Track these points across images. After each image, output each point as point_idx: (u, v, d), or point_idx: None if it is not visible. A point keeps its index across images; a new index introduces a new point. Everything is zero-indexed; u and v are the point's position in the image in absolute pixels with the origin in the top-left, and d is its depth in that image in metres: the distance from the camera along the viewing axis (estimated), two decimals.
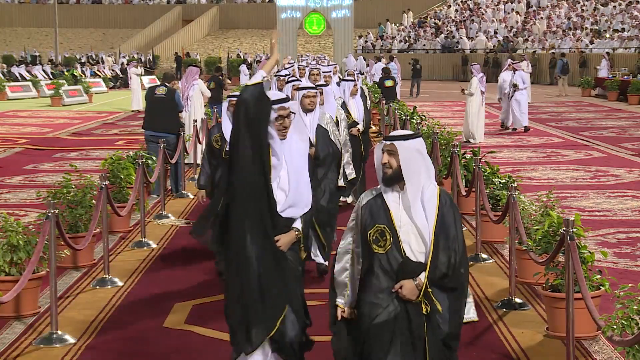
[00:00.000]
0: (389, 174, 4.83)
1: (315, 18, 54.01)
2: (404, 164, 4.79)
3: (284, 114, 5.64)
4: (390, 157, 4.84)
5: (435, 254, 4.77)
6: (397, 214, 4.84)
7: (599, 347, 6.91)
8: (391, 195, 4.87)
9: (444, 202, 4.85)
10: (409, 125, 16.50)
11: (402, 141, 4.84)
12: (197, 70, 17.90)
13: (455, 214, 4.87)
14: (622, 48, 43.23)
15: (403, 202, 4.85)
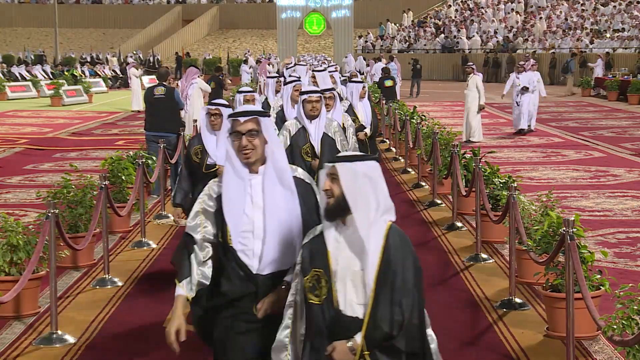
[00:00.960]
0: (330, 204, 3.93)
1: (315, 18, 54.06)
2: (348, 192, 3.89)
3: (242, 129, 4.43)
4: (333, 183, 3.93)
5: (374, 308, 3.84)
6: (335, 255, 3.94)
7: (599, 347, 6.91)
8: (332, 231, 3.97)
9: (392, 244, 3.91)
10: (409, 125, 16.51)
11: (346, 163, 3.93)
12: (197, 71, 17.92)
13: (407, 258, 3.91)
14: (622, 48, 43.23)
15: (344, 241, 3.95)
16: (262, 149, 4.43)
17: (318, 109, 7.99)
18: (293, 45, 52.59)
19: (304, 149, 7.96)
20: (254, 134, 4.42)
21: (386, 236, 3.91)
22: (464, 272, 9.29)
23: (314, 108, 7.97)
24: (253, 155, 4.43)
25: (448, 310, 7.98)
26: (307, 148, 7.97)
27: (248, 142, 4.40)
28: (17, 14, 74.71)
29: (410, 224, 11.90)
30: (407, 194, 14.22)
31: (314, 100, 7.96)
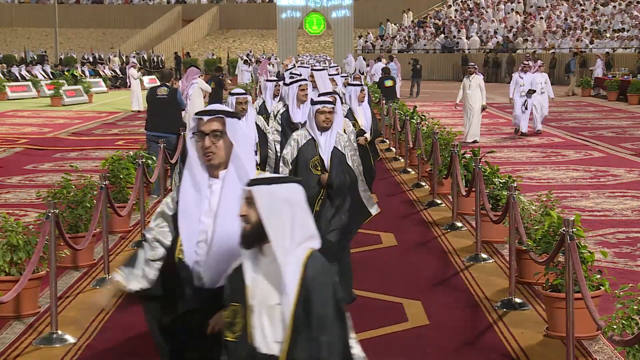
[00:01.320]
0: (246, 231, 3.60)
1: (315, 18, 54.05)
2: (265, 218, 3.56)
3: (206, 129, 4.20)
4: (250, 207, 3.60)
5: (291, 345, 3.54)
6: (253, 288, 3.63)
7: (599, 347, 6.91)
8: (251, 261, 3.67)
9: (311, 274, 3.56)
10: (409, 125, 16.51)
11: (263, 186, 3.60)
12: (197, 71, 17.92)
13: (327, 289, 3.58)
14: (622, 48, 43.24)
15: (262, 272, 3.64)
16: (225, 151, 4.15)
17: (331, 121, 7.58)
18: (293, 45, 52.59)
19: (312, 162, 7.60)
20: (218, 135, 4.16)
21: (304, 266, 3.56)
22: (464, 272, 9.29)
23: (327, 119, 7.54)
24: (216, 158, 4.15)
25: (448, 310, 7.98)
26: (316, 161, 7.61)
27: (211, 143, 4.14)
28: (17, 14, 74.70)
29: (410, 224, 11.90)
30: (407, 194, 14.22)
31: (327, 111, 7.52)
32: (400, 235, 11.04)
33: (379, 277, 9.10)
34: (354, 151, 7.83)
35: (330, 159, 7.54)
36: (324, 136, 7.59)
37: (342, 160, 7.59)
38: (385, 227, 11.28)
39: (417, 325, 7.59)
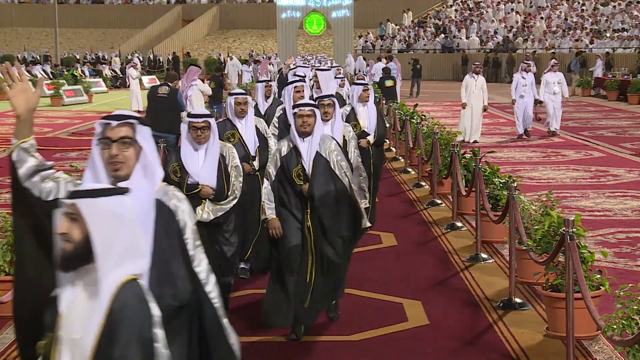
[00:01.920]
0: (66, 251, 3.12)
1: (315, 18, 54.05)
2: (94, 234, 3.10)
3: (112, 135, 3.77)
4: (73, 224, 3.13)
5: None
6: (65, 317, 3.17)
7: (599, 347, 6.91)
8: (69, 286, 3.18)
9: (119, 307, 3.04)
10: (409, 125, 16.51)
11: (90, 199, 3.13)
12: (198, 70, 17.91)
13: (132, 328, 3.03)
14: (622, 48, 43.25)
15: (79, 298, 3.16)
16: (134, 161, 3.76)
17: (310, 125, 7.01)
18: (293, 45, 52.59)
19: (295, 171, 7.03)
20: (127, 143, 3.74)
21: (115, 295, 3.07)
22: (464, 272, 9.29)
23: (304, 123, 7.00)
24: (124, 168, 3.74)
25: (448, 310, 7.98)
26: (299, 170, 7.04)
27: (119, 151, 3.73)
28: (17, 14, 74.71)
29: (410, 224, 11.90)
30: (407, 193, 14.22)
31: (305, 114, 6.99)
32: (400, 235, 11.04)
33: (379, 277, 9.10)
34: (341, 156, 7.12)
35: (312, 167, 6.99)
36: (305, 142, 7.06)
37: (326, 168, 7.00)
38: (385, 227, 11.28)
39: (417, 325, 7.60)
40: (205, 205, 7.20)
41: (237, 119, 8.86)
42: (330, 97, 8.48)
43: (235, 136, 8.83)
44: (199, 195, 7.16)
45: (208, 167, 7.15)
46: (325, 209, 6.99)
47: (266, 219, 7.11)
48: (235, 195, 7.28)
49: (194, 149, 7.19)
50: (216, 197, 7.21)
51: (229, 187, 7.25)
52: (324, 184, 6.98)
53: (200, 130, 7.09)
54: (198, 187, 7.15)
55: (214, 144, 7.15)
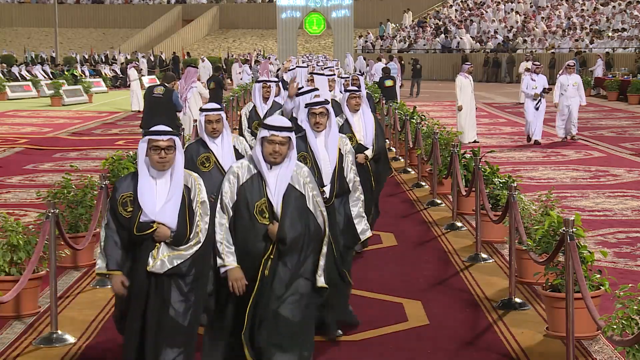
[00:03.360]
0: None
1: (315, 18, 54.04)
2: None
3: None
4: None
5: None
6: None
7: (599, 347, 6.91)
8: None
9: None
10: (408, 125, 16.51)
11: None
12: (196, 71, 17.93)
13: None
14: (622, 48, 43.25)
15: None
16: None
17: (282, 154, 5.63)
18: (293, 45, 52.57)
19: (257, 207, 5.64)
20: None
21: None
22: (464, 272, 9.29)
23: (275, 153, 5.60)
24: None
25: (448, 310, 7.98)
26: (263, 206, 5.64)
27: None
28: (17, 14, 74.70)
29: (410, 223, 11.90)
30: (407, 193, 14.22)
31: (277, 141, 5.59)
32: (400, 235, 11.04)
33: (379, 277, 9.10)
34: (317, 190, 5.79)
35: (283, 203, 5.65)
36: (273, 171, 5.67)
37: (300, 202, 5.69)
38: (385, 227, 11.28)
39: (417, 325, 7.59)
40: (159, 251, 5.55)
41: (210, 140, 7.51)
42: (322, 104, 7.06)
43: (210, 160, 7.50)
44: (153, 238, 5.54)
45: (168, 201, 5.56)
46: (291, 256, 5.68)
47: (224, 268, 5.65)
48: (199, 239, 5.59)
49: (152, 176, 5.63)
50: (174, 241, 5.57)
51: (192, 228, 5.60)
52: (296, 225, 5.66)
53: (165, 151, 5.55)
54: (152, 226, 5.52)
55: (178, 171, 5.60)
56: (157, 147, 5.56)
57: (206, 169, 7.42)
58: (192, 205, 5.62)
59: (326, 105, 7.05)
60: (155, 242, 5.56)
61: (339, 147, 7.06)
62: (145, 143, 5.62)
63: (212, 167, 7.45)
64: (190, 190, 5.64)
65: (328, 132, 7.04)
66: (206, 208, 5.65)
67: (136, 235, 5.52)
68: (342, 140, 7.15)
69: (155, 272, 5.52)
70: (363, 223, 7.14)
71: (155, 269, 5.52)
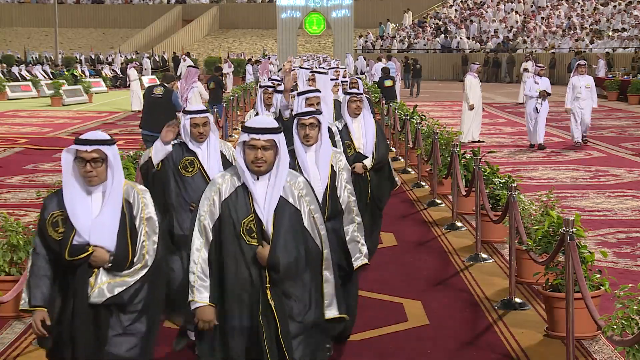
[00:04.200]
0: None
1: (315, 18, 54.03)
2: None
3: None
4: None
5: None
6: None
7: (599, 347, 6.91)
8: None
9: None
10: (408, 125, 16.51)
11: None
12: (197, 72, 17.91)
13: None
14: (622, 48, 43.26)
15: None
16: None
17: (267, 161, 4.73)
18: (293, 45, 52.58)
19: (244, 225, 4.76)
20: None
21: None
22: (464, 272, 9.29)
23: (258, 160, 4.72)
24: None
25: (448, 310, 7.98)
26: (251, 223, 4.76)
27: None
28: (17, 14, 74.73)
29: (410, 223, 11.90)
30: (407, 193, 14.22)
31: (259, 145, 4.71)
32: (400, 235, 11.04)
33: (379, 277, 9.10)
34: (315, 205, 4.90)
35: (274, 220, 4.76)
36: (261, 182, 4.78)
37: (295, 221, 4.81)
38: (385, 227, 11.26)
39: (417, 325, 7.60)
40: (97, 278, 4.77)
41: (195, 144, 6.82)
42: (312, 114, 6.17)
43: (194, 165, 6.83)
44: (89, 263, 4.76)
45: (105, 219, 4.77)
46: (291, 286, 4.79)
47: (194, 304, 4.78)
48: (146, 262, 4.83)
49: (85, 191, 4.80)
50: (115, 266, 4.79)
51: (136, 249, 4.84)
52: (291, 247, 4.77)
53: (90, 164, 4.74)
54: (87, 249, 4.73)
55: (115, 184, 4.80)
56: (81, 159, 4.73)
57: (189, 173, 6.78)
58: (134, 223, 4.82)
59: (317, 116, 6.13)
60: (92, 267, 4.76)
61: (331, 164, 6.20)
62: (71, 154, 4.79)
63: (195, 173, 6.76)
64: (132, 205, 4.84)
65: (319, 146, 6.16)
66: (153, 225, 4.85)
67: (68, 260, 4.71)
68: (335, 155, 6.26)
69: (93, 303, 4.71)
70: (358, 249, 6.21)
71: (93, 299, 4.72)
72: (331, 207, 6.16)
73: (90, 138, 4.75)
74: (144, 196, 4.90)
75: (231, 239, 4.75)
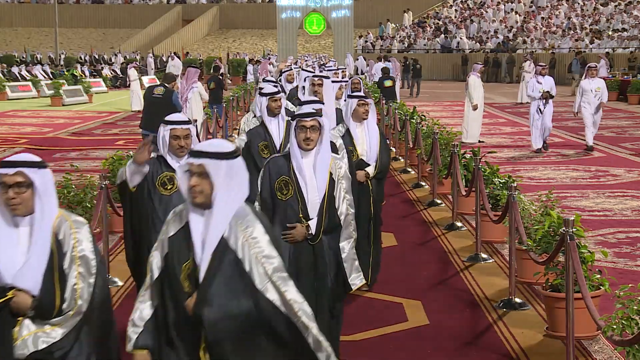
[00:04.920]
0: None
1: (315, 18, 54.01)
2: None
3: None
4: None
5: None
6: None
7: (599, 347, 6.92)
8: None
9: None
10: (408, 125, 16.51)
11: None
12: (196, 72, 17.91)
13: None
14: (622, 48, 43.26)
15: None
16: None
17: (202, 192, 3.93)
18: (293, 45, 52.58)
19: (184, 271, 4.01)
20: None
21: None
22: (464, 272, 9.29)
23: (192, 188, 3.93)
24: None
25: (448, 310, 7.98)
26: (189, 267, 4.00)
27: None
28: (17, 14, 74.73)
29: (410, 223, 11.90)
30: (407, 193, 14.22)
31: (194, 170, 3.92)
32: (400, 235, 11.04)
33: (379, 277, 9.10)
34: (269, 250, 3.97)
35: (209, 264, 3.94)
36: (201, 216, 3.98)
37: (236, 271, 3.94)
38: (385, 227, 11.24)
39: (417, 325, 7.60)
40: (21, 328, 4.06)
41: (174, 158, 6.00)
42: (314, 115, 5.66)
43: (173, 182, 6.01)
44: (10, 308, 4.05)
45: (31, 258, 4.06)
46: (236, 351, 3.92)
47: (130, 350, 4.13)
48: (79, 307, 4.07)
49: (9, 223, 4.10)
50: (39, 313, 4.05)
51: (65, 293, 4.07)
52: (224, 300, 3.90)
53: (13, 190, 4.04)
54: (7, 294, 4.04)
55: (45, 217, 4.09)
56: (3, 184, 4.02)
57: (167, 192, 6.08)
58: (62, 263, 4.06)
59: (319, 118, 5.63)
60: (14, 315, 4.03)
61: (330, 172, 5.68)
62: None
63: (175, 191, 5.95)
64: (61, 242, 4.08)
65: (318, 150, 5.65)
66: (88, 265, 4.10)
67: None
68: (335, 162, 5.75)
69: (18, 358, 4.01)
70: (354, 268, 5.82)
71: (17, 352, 4.00)
72: (328, 218, 5.68)
73: (14, 160, 4.05)
74: (78, 230, 4.11)
75: (173, 287, 4.01)
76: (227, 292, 3.88)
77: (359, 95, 8.03)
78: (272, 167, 5.75)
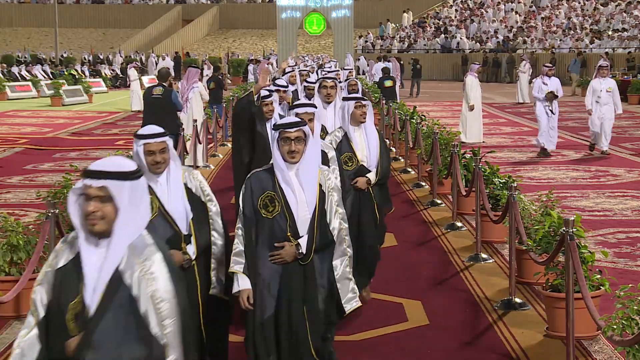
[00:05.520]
0: None
1: (315, 18, 54.02)
2: None
3: None
4: None
5: None
6: None
7: (599, 347, 6.91)
8: None
9: None
10: (408, 125, 16.51)
11: None
12: (197, 72, 17.90)
13: None
14: (622, 48, 43.26)
15: None
16: None
17: (103, 216, 3.51)
18: (293, 45, 52.57)
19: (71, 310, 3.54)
20: None
21: None
22: (464, 272, 9.29)
23: (89, 215, 3.52)
24: None
25: (448, 310, 7.98)
26: (79, 308, 3.56)
27: None
28: (17, 14, 74.71)
29: (410, 223, 11.90)
30: (407, 193, 14.22)
31: (92, 194, 3.52)
32: (400, 235, 11.04)
33: (379, 277, 9.09)
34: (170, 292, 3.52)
35: (99, 303, 3.46)
36: (96, 247, 3.54)
37: (130, 310, 3.46)
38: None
39: (417, 325, 7.60)
40: None
41: (151, 176, 5.09)
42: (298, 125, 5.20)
43: (152, 205, 4.99)
44: None
45: None
46: None
47: None
48: None
49: None
50: None
51: None
52: (118, 343, 3.42)
53: None
54: None
55: None
56: None
57: None
58: None
59: (304, 128, 5.18)
60: None
61: (320, 183, 5.27)
62: None
63: (155, 215, 5.04)
64: None
65: (304, 162, 5.20)
66: None
67: None
68: (323, 173, 5.31)
69: None
70: (350, 288, 5.40)
71: None
72: (320, 235, 5.22)
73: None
74: None
75: (58, 327, 3.50)
76: (118, 335, 3.36)
77: (356, 96, 7.64)
78: (255, 182, 5.20)
